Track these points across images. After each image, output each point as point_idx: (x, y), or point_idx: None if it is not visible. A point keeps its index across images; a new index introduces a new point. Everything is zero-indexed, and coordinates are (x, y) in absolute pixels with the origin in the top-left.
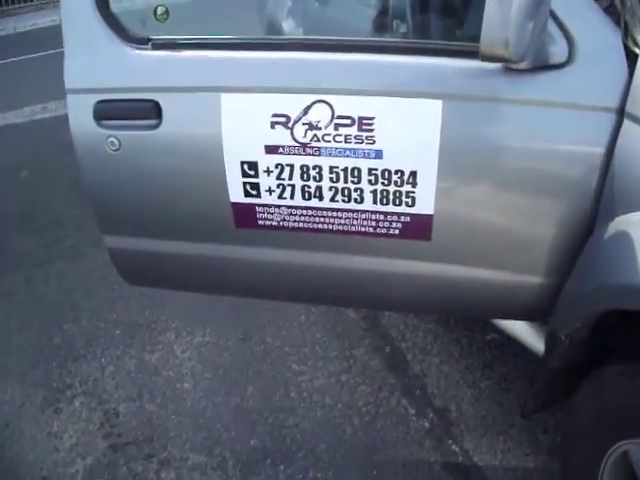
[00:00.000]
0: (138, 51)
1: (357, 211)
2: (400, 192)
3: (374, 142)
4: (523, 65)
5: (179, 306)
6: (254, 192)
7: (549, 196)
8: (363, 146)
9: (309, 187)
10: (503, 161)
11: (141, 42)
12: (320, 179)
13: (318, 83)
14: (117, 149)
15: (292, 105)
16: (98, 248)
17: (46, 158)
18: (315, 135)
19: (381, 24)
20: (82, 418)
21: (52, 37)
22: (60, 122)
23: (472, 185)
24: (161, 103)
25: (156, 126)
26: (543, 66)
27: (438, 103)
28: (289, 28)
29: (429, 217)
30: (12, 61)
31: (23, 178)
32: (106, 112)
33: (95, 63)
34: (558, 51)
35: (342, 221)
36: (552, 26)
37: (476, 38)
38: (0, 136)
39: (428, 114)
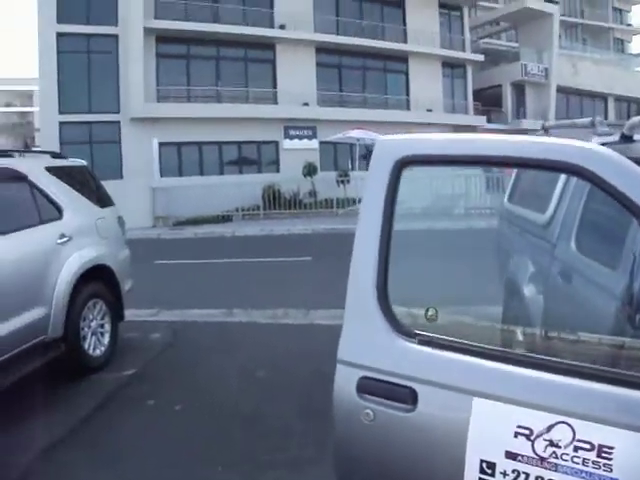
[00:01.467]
0: (406, 342)
1: None
2: None
3: (611, 470)
4: None
5: None
6: None
7: None
8: (600, 472)
9: None
10: None
11: (409, 335)
12: None
13: (563, 405)
14: (371, 420)
15: (536, 421)
16: (318, 465)
17: (284, 363)
18: (554, 452)
19: (626, 315)
20: None
21: (301, 245)
22: (300, 331)
23: None
24: (418, 392)
25: (410, 410)
26: None
27: None
28: (530, 293)
29: None
30: (268, 261)
31: (259, 378)
32: (367, 388)
33: (367, 344)
34: None
35: None
36: None
37: None
38: (242, 333)
39: None
